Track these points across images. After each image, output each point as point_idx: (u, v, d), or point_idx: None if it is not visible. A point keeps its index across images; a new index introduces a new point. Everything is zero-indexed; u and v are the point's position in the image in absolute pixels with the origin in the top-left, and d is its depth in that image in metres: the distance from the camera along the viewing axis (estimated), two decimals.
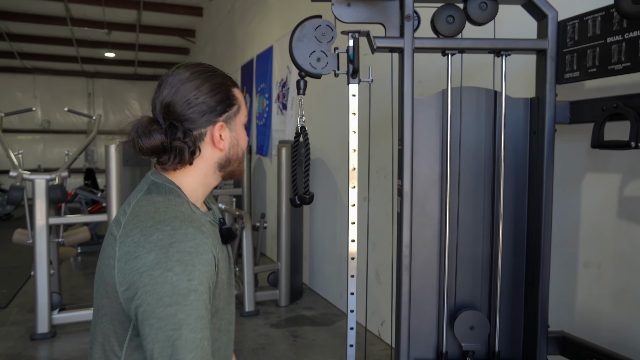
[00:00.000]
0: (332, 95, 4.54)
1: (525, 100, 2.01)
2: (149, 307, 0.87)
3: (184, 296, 0.87)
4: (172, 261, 0.88)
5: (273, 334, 3.82)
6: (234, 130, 1.07)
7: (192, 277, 0.88)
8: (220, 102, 1.03)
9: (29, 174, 3.72)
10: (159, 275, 0.87)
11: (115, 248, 0.93)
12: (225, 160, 1.07)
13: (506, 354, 2.01)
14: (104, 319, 0.98)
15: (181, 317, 0.86)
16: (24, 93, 14.99)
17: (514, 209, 2.03)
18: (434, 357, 2.00)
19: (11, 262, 6.35)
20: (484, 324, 1.95)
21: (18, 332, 3.87)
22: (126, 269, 0.90)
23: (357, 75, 1.90)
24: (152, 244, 0.89)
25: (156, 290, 0.86)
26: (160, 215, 0.93)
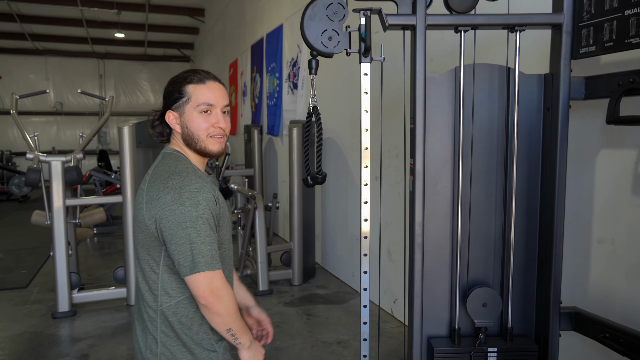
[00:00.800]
0: (343, 74, 4.51)
1: (539, 76, 1.99)
2: (171, 231, 1.25)
3: (193, 221, 1.25)
4: (183, 198, 1.25)
5: (287, 312, 3.89)
6: (183, 116, 1.38)
7: (198, 209, 1.26)
8: (170, 95, 1.39)
9: (45, 156, 3.78)
10: (175, 209, 1.25)
11: (143, 195, 1.32)
12: (184, 139, 1.39)
13: (519, 330, 2.03)
14: (142, 249, 1.35)
15: (194, 235, 1.24)
16: (36, 75, 15.09)
17: (526, 186, 2.03)
18: (446, 334, 2.02)
19: (30, 242, 6.50)
20: (497, 301, 1.96)
21: (40, 311, 3.98)
22: (151, 207, 1.28)
23: (369, 54, 1.89)
24: (169, 188, 1.27)
25: (175, 219, 1.25)
26: (172, 170, 1.32)
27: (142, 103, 16.56)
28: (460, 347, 1.95)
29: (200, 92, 1.37)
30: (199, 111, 1.36)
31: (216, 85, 1.40)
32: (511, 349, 1.95)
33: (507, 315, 1.98)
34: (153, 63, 16.53)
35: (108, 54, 15.73)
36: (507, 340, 1.97)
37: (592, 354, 2.13)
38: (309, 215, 4.72)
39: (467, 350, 1.94)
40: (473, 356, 1.93)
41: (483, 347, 1.93)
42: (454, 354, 1.95)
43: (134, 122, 4.03)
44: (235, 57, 9.11)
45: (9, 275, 5.02)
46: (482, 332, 1.95)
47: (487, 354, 1.95)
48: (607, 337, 1.84)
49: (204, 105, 1.36)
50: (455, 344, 1.96)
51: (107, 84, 16.02)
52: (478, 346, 1.93)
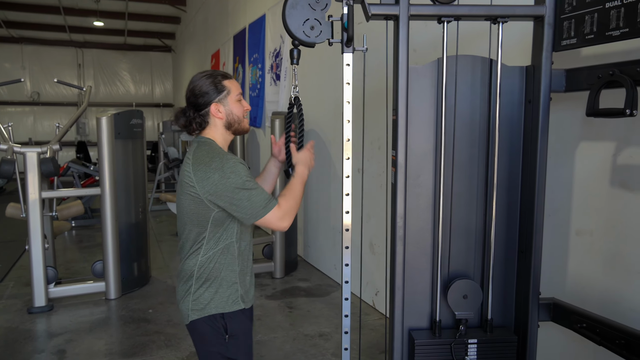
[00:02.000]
0: (326, 65, 4.48)
1: (520, 68, 1.99)
2: (229, 198, 1.59)
3: (242, 185, 1.58)
4: (228, 173, 1.58)
5: (269, 305, 3.87)
6: (227, 105, 1.71)
7: (241, 175, 1.59)
8: (212, 91, 1.68)
9: (19, 147, 3.68)
10: (225, 182, 1.57)
11: (191, 177, 1.61)
12: (227, 123, 1.73)
13: (499, 321, 2.04)
14: (193, 213, 1.65)
15: (247, 194, 1.58)
16: (12, 64, 14.71)
17: (507, 178, 2.03)
18: (427, 326, 2.03)
19: (5, 236, 6.35)
20: (477, 293, 1.97)
21: (15, 306, 3.89)
22: (204, 185, 1.59)
23: (351, 44, 1.86)
24: (213, 169, 1.59)
25: (228, 190, 1.58)
26: (211, 155, 1.62)
27: (122, 94, 16.29)
28: (441, 339, 1.95)
29: (233, 85, 1.73)
30: (236, 100, 1.72)
31: (234, 79, 1.77)
32: (491, 340, 1.96)
33: (487, 307, 1.99)
34: (133, 53, 16.24)
35: (87, 43, 15.40)
36: (487, 332, 1.99)
37: (570, 344, 2.16)
38: None
39: (447, 342, 1.94)
40: (454, 348, 1.94)
41: (463, 338, 1.94)
42: (434, 345, 1.95)
43: (113, 113, 3.95)
44: (217, 47, 9.00)
45: None
46: (462, 323, 1.96)
47: (468, 346, 1.96)
48: (584, 327, 1.86)
49: (239, 95, 1.74)
50: (436, 335, 1.97)
51: (86, 74, 15.71)
52: (458, 338, 1.94)
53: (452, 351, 1.94)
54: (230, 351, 1.74)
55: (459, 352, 1.95)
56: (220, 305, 1.71)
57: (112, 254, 3.96)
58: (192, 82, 1.71)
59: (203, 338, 1.74)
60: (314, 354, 3.04)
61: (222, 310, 1.71)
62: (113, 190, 3.92)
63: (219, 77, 1.70)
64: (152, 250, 4.86)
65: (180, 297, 1.75)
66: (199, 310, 1.70)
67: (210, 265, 1.69)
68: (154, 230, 6.78)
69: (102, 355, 3.05)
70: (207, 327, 1.71)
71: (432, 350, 1.96)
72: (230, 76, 1.75)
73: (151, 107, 16.45)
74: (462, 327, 1.95)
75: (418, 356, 1.94)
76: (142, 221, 4.38)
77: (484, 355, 1.96)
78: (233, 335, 1.73)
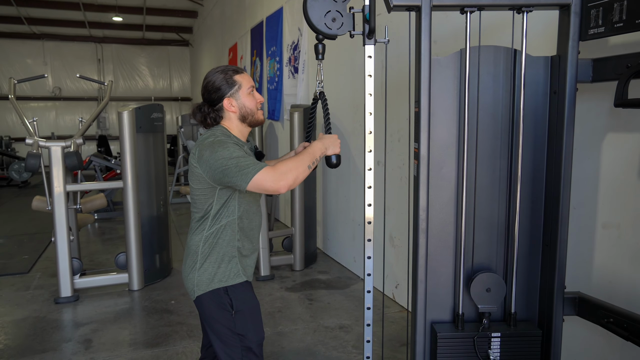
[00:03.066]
0: (344, 58, 4.46)
1: (545, 58, 1.95)
2: (218, 170, 1.65)
3: (229, 155, 1.64)
4: (216, 147, 1.66)
5: (289, 297, 3.90)
6: (239, 99, 1.78)
7: (227, 147, 1.66)
8: (223, 86, 1.77)
9: (44, 142, 3.75)
10: (213, 156, 1.65)
11: (195, 157, 1.73)
12: (241, 116, 1.81)
13: (522, 315, 2.03)
14: (200, 193, 1.76)
15: (234, 162, 1.62)
16: (34, 59, 14.97)
17: (532, 171, 2.01)
18: (450, 319, 2.02)
19: (31, 228, 6.50)
20: (501, 286, 1.95)
21: (42, 296, 3.99)
22: (201, 163, 1.69)
23: (373, 36, 1.85)
24: (205, 146, 1.69)
25: (216, 162, 1.64)
26: (208, 134, 1.76)
27: (141, 88, 16.46)
28: (464, 333, 1.95)
29: (244, 79, 1.79)
30: (248, 93, 1.79)
31: (246, 73, 1.83)
32: (515, 334, 1.95)
33: (510, 300, 1.97)
34: (151, 47, 16.38)
35: (106, 38, 15.58)
36: (510, 326, 1.97)
37: (596, 338, 2.13)
38: (310, 201, 4.71)
39: (470, 335, 1.94)
40: (476, 341, 1.93)
41: (487, 332, 1.93)
42: (457, 339, 1.94)
43: (134, 107, 4.00)
44: (235, 40, 9.02)
45: (10, 261, 5.02)
46: (485, 317, 1.95)
47: (491, 339, 1.95)
48: (611, 322, 1.84)
49: (251, 88, 1.80)
50: (458, 329, 1.96)
51: (105, 69, 15.90)
52: (482, 331, 1.93)
53: (475, 345, 1.94)
54: (237, 326, 1.80)
55: (482, 345, 1.94)
56: (223, 279, 1.79)
57: (134, 246, 4.02)
58: (206, 78, 1.80)
59: (210, 314, 1.82)
60: (335, 346, 3.06)
61: (225, 284, 1.80)
62: (135, 184, 3.98)
63: (230, 72, 1.77)
64: (173, 242, 4.93)
65: (186, 273, 1.85)
66: (203, 285, 1.80)
67: (213, 240, 1.79)
68: (174, 223, 6.87)
69: (126, 344, 3.11)
70: (212, 302, 1.80)
71: (455, 343, 1.95)
72: (241, 70, 1.82)
73: (169, 101, 16.61)
74: (485, 320, 1.94)
75: (441, 349, 1.94)
76: (164, 214, 4.44)
77: (507, 349, 1.95)
78: (239, 311, 1.81)
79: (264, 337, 1.91)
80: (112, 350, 3.03)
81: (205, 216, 1.79)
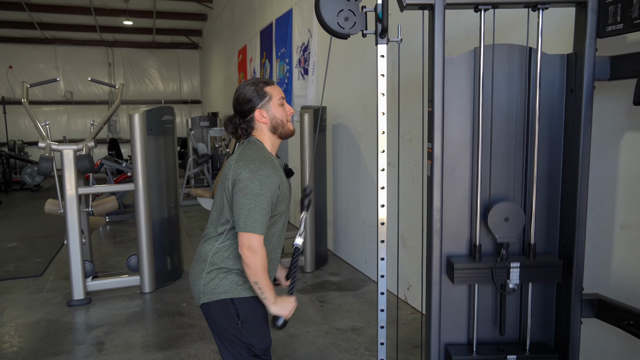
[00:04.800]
0: (354, 58, 4.44)
1: (561, 56, 1.92)
2: (238, 197, 1.67)
3: (256, 196, 1.65)
4: (255, 179, 1.66)
5: (300, 299, 3.88)
6: (270, 110, 1.78)
7: (262, 188, 1.66)
8: (254, 98, 1.77)
9: (57, 145, 3.77)
10: (247, 185, 1.66)
11: (230, 169, 1.72)
12: (272, 127, 1.80)
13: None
14: (224, 209, 1.76)
15: (252, 205, 1.65)
16: (46, 64, 15.12)
17: (548, 171, 1.97)
18: (465, 342, 1.99)
19: (43, 231, 6.55)
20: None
21: (55, 299, 4.01)
22: (234, 178, 1.69)
23: (385, 35, 1.83)
24: (249, 169, 1.67)
25: (243, 191, 1.66)
26: (254, 156, 1.72)
27: (151, 91, 16.56)
28: (481, 263, 1.91)
29: (274, 90, 1.80)
30: (279, 104, 1.79)
31: (276, 85, 1.84)
32: (535, 264, 1.90)
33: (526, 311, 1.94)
34: (161, 51, 16.48)
35: (116, 42, 15.70)
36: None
37: (615, 341, 2.09)
38: (320, 202, 4.70)
39: (487, 266, 1.89)
40: (495, 271, 1.88)
41: (505, 262, 1.88)
42: (474, 269, 1.90)
43: (145, 110, 4.01)
44: (244, 43, 9.04)
45: (23, 264, 5.06)
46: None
47: (509, 269, 1.90)
48: (631, 325, 1.80)
49: (281, 99, 1.81)
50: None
51: (116, 72, 16.02)
52: (500, 262, 1.89)
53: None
54: (244, 336, 1.79)
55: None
56: (229, 290, 1.77)
57: (146, 249, 4.03)
58: (237, 90, 1.81)
59: (216, 321, 1.81)
60: (347, 348, 3.03)
61: (231, 296, 1.77)
62: (146, 186, 3.99)
63: (261, 84, 1.79)
64: (184, 244, 4.93)
65: (193, 278, 1.84)
66: (208, 293, 1.78)
67: (224, 253, 1.78)
68: (185, 225, 6.88)
69: (139, 347, 3.11)
70: (218, 310, 1.79)
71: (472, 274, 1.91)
72: (272, 82, 1.82)
73: (179, 104, 16.70)
74: (503, 250, 1.90)
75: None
76: (174, 216, 4.45)
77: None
78: (245, 321, 1.79)
79: (271, 344, 1.89)
80: (125, 353, 3.03)
81: (222, 228, 1.78)
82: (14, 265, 5.03)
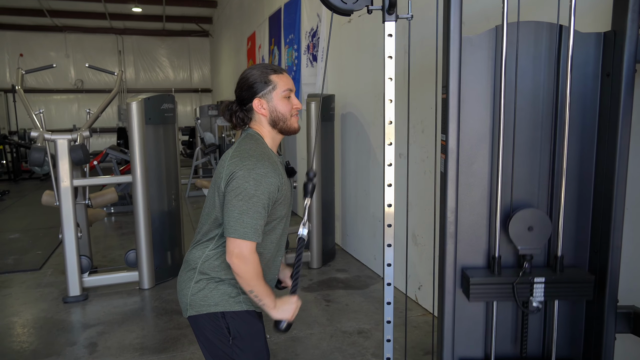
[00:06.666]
0: (365, 41, 4.19)
1: (597, 35, 1.67)
2: (230, 197, 1.47)
3: (249, 197, 1.45)
4: (250, 178, 1.46)
5: (305, 297, 3.69)
6: (271, 101, 1.57)
7: (258, 189, 1.46)
8: (257, 84, 1.56)
9: (50, 134, 3.60)
10: (241, 184, 1.46)
11: (224, 166, 1.52)
12: (272, 121, 1.59)
13: None
14: (214, 211, 1.56)
15: (244, 208, 1.45)
16: (57, 52, 15.04)
17: (578, 167, 1.74)
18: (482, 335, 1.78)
19: (47, 222, 6.44)
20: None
21: (52, 295, 3.87)
22: (228, 176, 1.49)
23: (394, 11, 1.60)
24: (244, 167, 1.47)
25: (236, 191, 1.46)
26: (251, 152, 1.52)
27: (162, 79, 16.42)
28: (500, 277, 1.68)
29: (281, 80, 1.58)
30: (283, 96, 1.58)
31: (286, 74, 1.62)
32: (562, 280, 1.67)
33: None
34: (172, 38, 16.31)
35: (126, 30, 15.55)
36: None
37: None
38: (328, 195, 4.48)
39: (508, 281, 1.66)
40: (517, 287, 1.66)
41: (528, 277, 1.66)
42: (493, 285, 1.67)
43: (143, 98, 3.82)
44: (253, 29, 8.80)
45: (24, 257, 4.94)
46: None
47: (533, 285, 1.67)
48: None
49: (287, 92, 1.58)
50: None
51: (126, 60, 15.90)
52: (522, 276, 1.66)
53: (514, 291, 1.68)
54: (235, 353, 1.60)
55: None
56: (220, 303, 1.58)
57: (144, 243, 3.86)
58: (242, 74, 1.61)
59: (205, 335, 1.62)
60: (353, 354, 2.84)
61: (222, 309, 1.58)
62: (144, 178, 3.81)
63: (268, 71, 1.58)
64: (188, 237, 4.76)
65: (180, 287, 1.66)
66: (196, 305, 1.59)
67: (215, 262, 1.59)
68: (191, 217, 6.73)
69: (132, 349, 2.95)
70: (207, 324, 1.60)
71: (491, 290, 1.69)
72: (281, 70, 1.61)
73: (189, 93, 16.55)
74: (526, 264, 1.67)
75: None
76: (175, 209, 4.27)
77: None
78: (237, 338, 1.60)
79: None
80: (117, 356, 2.87)
81: (214, 233, 1.59)
82: (14, 257, 4.92)
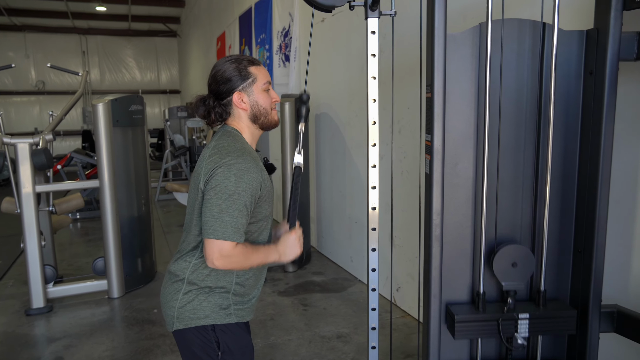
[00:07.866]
0: (339, 39, 4.13)
1: (580, 33, 1.66)
2: (209, 196, 1.38)
3: (229, 195, 1.36)
4: (230, 174, 1.37)
5: (282, 302, 3.60)
6: (252, 95, 1.50)
7: (239, 186, 1.37)
8: (235, 78, 1.48)
9: (9, 138, 3.41)
10: (221, 181, 1.37)
11: (202, 166, 1.43)
12: (252, 115, 1.52)
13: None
14: (193, 214, 1.47)
15: (224, 207, 1.36)
16: (16, 52, 14.42)
17: (562, 165, 1.73)
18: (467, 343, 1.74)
19: (7, 230, 6.13)
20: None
21: (13, 307, 3.66)
22: (207, 176, 1.40)
23: (377, 7, 1.54)
24: (223, 163, 1.38)
25: (216, 189, 1.37)
26: (230, 148, 1.43)
27: (128, 80, 15.99)
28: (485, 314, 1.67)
29: (260, 72, 1.52)
30: (264, 89, 1.51)
31: (262, 65, 1.55)
32: (545, 315, 1.67)
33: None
34: (138, 39, 15.89)
35: (90, 30, 15.07)
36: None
37: (636, 358, 1.86)
38: (303, 196, 4.41)
39: (493, 317, 1.65)
40: (501, 323, 1.64)
41: (512, 313, 1.65)
42: (478, 322, 1.66)
43: (110, 99, 3.66)
44: (223, 29, 8.65)
45: None
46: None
47: (517, 322, 1.66)
48: None
49: (267, 84, 1.52)
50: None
51: (90, 61, 15.40)
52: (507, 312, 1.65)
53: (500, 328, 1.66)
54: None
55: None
56: (211, 315, 1.49)
57: (113, 250, 3.70)
58: (215, 67, 1.52)
59: (192, 350, 1.51)
60: (333, 359, 2.77)
61: (213, 322, 1.49)
62: (112, 182, 3.65)
63: (245, 63, 1.50)
64: (158, 242, 4.61)
65: (165, 299, 1.53)
66: (184, 319, 1.49)
67: (204, 271, 1.49)
68: (161, 221, 6.54)
69: None
70: (195, 339, 1.50)
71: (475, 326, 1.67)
72: (258, 62, 1.54)
73: (157, 94, 16.16)
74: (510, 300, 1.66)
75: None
76: (146, 214, 4.12)
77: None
78: (226, 352, 1.51)
79: None
80: None
81: (198, 238, 1.48)
82: None
